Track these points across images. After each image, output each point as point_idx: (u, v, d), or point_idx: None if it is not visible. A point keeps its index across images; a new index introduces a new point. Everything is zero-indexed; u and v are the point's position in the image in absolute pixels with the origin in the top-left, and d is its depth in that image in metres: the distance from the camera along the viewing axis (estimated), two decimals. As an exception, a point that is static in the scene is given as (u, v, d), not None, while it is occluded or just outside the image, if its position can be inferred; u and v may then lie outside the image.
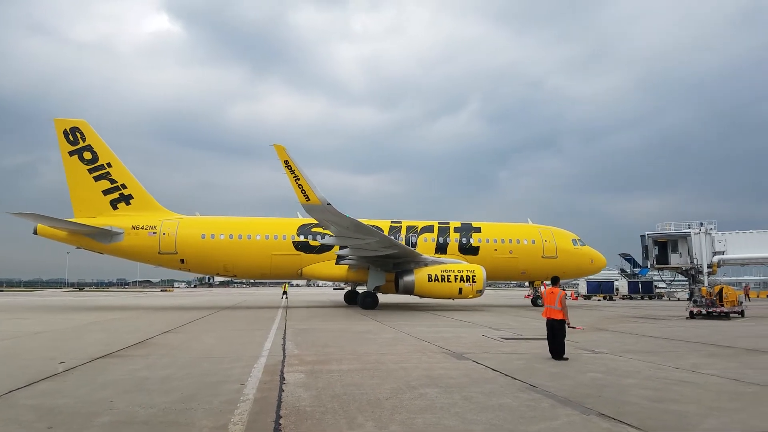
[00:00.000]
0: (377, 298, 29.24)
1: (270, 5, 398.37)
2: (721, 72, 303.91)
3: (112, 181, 29.85)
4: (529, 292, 56.83)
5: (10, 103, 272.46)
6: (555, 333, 10.96)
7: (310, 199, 22.22)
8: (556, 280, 12.16)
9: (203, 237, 29.90)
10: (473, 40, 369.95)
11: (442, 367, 9.58)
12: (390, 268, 28.90)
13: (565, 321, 11.00)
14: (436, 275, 27.01)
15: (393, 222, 32.56)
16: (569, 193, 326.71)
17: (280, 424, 5.76)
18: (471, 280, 27.09)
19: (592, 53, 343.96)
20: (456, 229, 32.72)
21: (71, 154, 29.45)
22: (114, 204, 29.83)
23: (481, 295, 28.59)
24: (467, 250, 32.01)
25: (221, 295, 61.75)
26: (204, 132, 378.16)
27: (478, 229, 32.94)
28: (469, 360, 10.52)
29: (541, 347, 11.75)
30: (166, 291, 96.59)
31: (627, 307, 35.88)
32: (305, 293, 76.24)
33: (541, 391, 7.53)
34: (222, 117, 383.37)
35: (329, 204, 22.58)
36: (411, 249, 28.58)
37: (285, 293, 48.49)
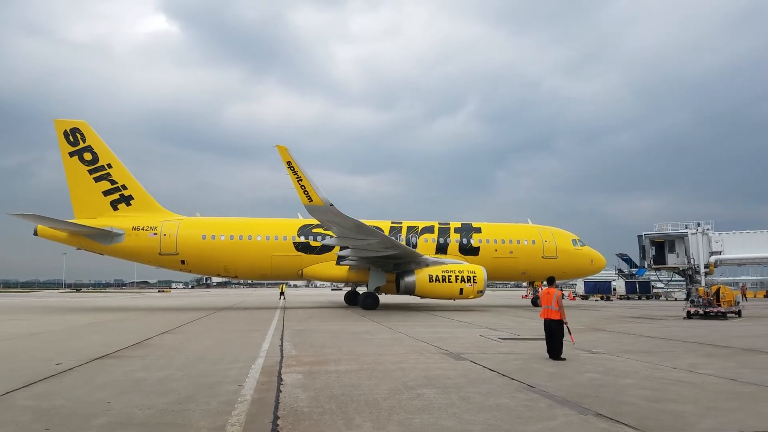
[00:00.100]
0: (378, 298, 29.26)
1: (267, 6, 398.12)
2: (720, 72, 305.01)
3: (112, 182, 29.83)
4: (527, 292, 56.97)
5: (6, 104, 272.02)
6: (553, 333, 10.98)
7: (312, 200, 22.25)
8: (552, 280, 12.19)
9: (204, 238, 29.91)
10: (471, 40, 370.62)
11: (439, 368, 9.59)
12: (391, 268, 28.90)
13: (563, 321, 11.03)
14: (437, 276, 27.05)
15: (393, 222, 32.58)
16: (567, 194, 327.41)
17: (277, 425, 5.76)
18: (472, 280, 27.13)
19: (589, 54, 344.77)
20: (456, 230, 32.76)
21: (71, 154, 29.43)
22: (114, 205, 29.80)
23: (482, 296, 28.63)
24: (468, 250, 32.05)
25: (219, 296, 61.66)
26: (201, 132, 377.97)
27: (478, 230, 32.98)
28: (467, 360, 10.52)
29: (539, 347, 11.77)
30: (163, 292, 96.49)
31: (624, 308, 35.95)
32: (303, 294, 76.22)
33: (539, 392, 7.54)
34: (219, 117, 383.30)
35: (332, 205, 22.61)
36: (412, 249, 28.59)
37: (282, 294, 48.52)
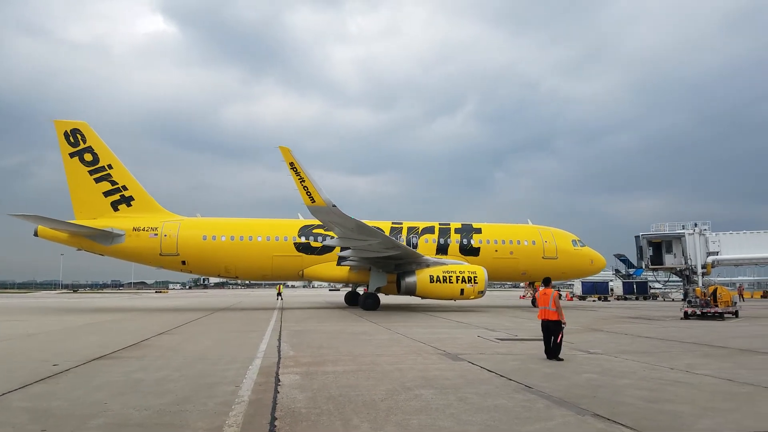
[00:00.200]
0: (379, 299, 29.25)
1: (265, 6, 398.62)
2: (720, 72, 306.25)
3: (113, 183, 29.78)
4: (524, 292, 56.91)
5: (4, 104, 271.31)
6: (550, 334, 11.00)
7: (315, 201, 22.26)
8: (548, 281, 12.23)
9: (204, 238, 29.89)
10: (470, 41, 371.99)
11: (437, 368, 9.59)
12: (392, 269, 28.89)
13: (561, 322, 11.04)
14: (437, 276, 27.06)
15: (394, 223, 32.58)
16: (566, 194, 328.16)
17: (275, 425, 5.75)
18: (472, 281, 27.15)
19: (589, 54, 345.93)
20: (457, 230, 32.78)
21: (72, 155, 29.38)
22: (115, 206, 29.76)
23: (483, 296, 28.61)
24: (468, 251, 32.08)
25: (216, 297, 61.54)
26: (200, 133, 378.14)
27: (478, 230, 33.00)
28: (465, 361, 10.52)
29: (537, 348, 11.79)
30: (160, 292, 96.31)
31: (622, 308, 35.98)
32: (301, 294, 76.13)
33: (537, 392, 7.55)
34: (218, 118, 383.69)
35: (334, 206, 22.63)
36: (413, 250, 28.57)
37: (280, 294, 48.44)
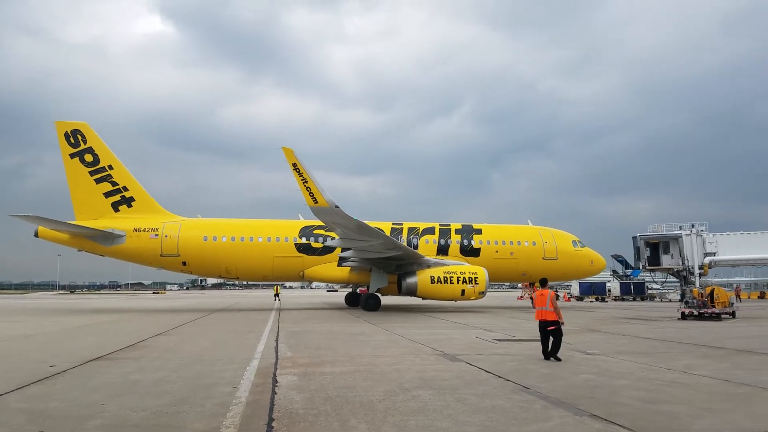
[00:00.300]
0: (380, 299, 29.27)
1: (263, 7, 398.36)
2: (720, 73, 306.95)
3: (113, 184, 29.75)
4: (522, 293, 56.94)
5: (2, 104, 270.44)
6: (549, 334, 11.01)
7: (318, 202, 22.28)
8: (544, 281, 12.26)
9: (205, 239, 29.88)
10: (468, 42, 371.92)
11: (435, 369, 9.59)
12: (393, 269, 28.89)
13: (560, 321, 11.06)
14: (438, 277, 27.07)
15: (394, 224, 32.57)
16: (563, 195, 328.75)
17: (272, 426, 5.74)
18: (473, 281, 27.17)
19: (586, 55, 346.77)
20: (457, 231, 32.80)
21: (72, 156, 29.33)
22: (115, 206, 29.72)
23: (484, 297, 28.62)
24: (468, 251, 32.11)
25: (214, 298, 61.46)
26: (198, 133, 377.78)
27: (479, 231, 33.03)
28: (462, 362, 10.52)
29: (534, 349, 11.79)
30: (158, 293, 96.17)
31: (619, 309, 36.03)
32: (298, 295, 76.08)
33: (534, 393, 7.55)
34: (216, 118, 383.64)
35: (337, 206, 22.64)
36: (414, 251, 28.56)
37: (277, 295, 48.34)
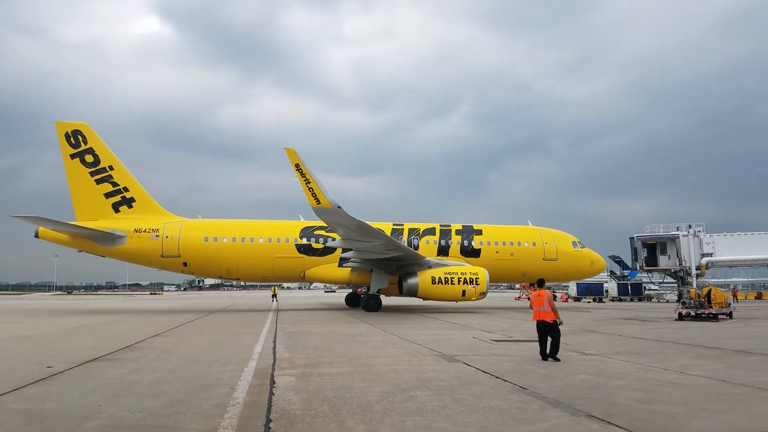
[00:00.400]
0: (380, 300, 29.26)
1: (261, 7, 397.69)
2: (720, 73, 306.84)
3: (114, 184, 29.67)
4: (519, 294, 56.99)
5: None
6: (548, 334, 11.03)
7: (320, 202, 22.27)
8: (542, 282, 12.26)
9: (206, 240, 29.83)
10: (465, 43, 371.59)
11: (432, 370, 9.60)
12: (393, 270, 28.87)
13: (558, 321, 11.08)
14: (439, 278, 27.08)
15: (395, 224, 32.54)
16: (561, 196, 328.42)
17: (270, 427, 5.74)
18: (474, 282, 27.19)
19: (585, 56, 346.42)
20: (458, 232, 32.80)
21: (73, 156, 29.25)
22: (116, 207, 29.65)
23: (485, 297, 28.64)
24: (469, 252, 32.12)
25: (211, 299, 61.36)
26: (196, 134, 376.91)
27: (479, 232, 33.03)
28: (460, 362, 10.54)
29: (532, 349, 11.81)
30: (155, 294, 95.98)
31: (616, 309, 36.09)
32: (296, 296, 76.00)
33: (532, 393, 7.57)
34: (214, 119, 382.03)
35: (339, 207, 22.65)
36: (415, 251, 28.55)
37: (275, 296, 48.26)
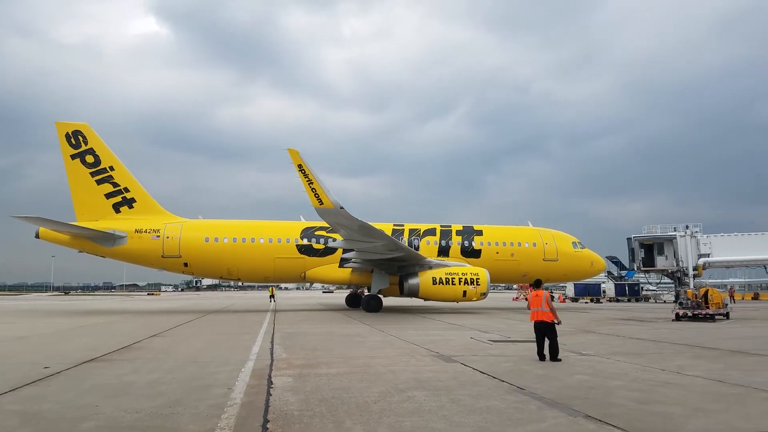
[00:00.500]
0: (381, 300, 29.25)
1: (259, 8, 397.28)
2: (716, 73, 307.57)
3: (114, 185, 29.61)
4: (517, 294, 57.07)
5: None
6: (546, 335, 11.04)
7: (323, 203, 22.26)
8: (539, 282, 12.28)
9: (207, 240, 29.81)
10: (462, 44, 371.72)
11: (430, 370, 9.60)
12: (394, 271, 28.87)
13: (556, 322, 11.10)
14: (440, 278, 27.08)
15: (396, 225, 32.53)
16: (559, 196, 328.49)
17: (267, 428, 5.74)
18: (475, 282, 27.20)
19: (582, 57, 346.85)
20: (458, 232, 32.81)
21: (73, 157, 29.18)
22: (117, 207, 29.59)
23: (485, 298, 28.67)
24: (469, 253, 32.14)
25: (209, 299, 61.26)
26: (193, 134, 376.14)
27: (479, 232, 33.05)
28: (458, 363, 10.54)
29: (529, 350, 11.82)
30: (153, 294, 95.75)
31: (614, 310, 36.13)
32: (294, 296, 75.97)
33: (529, 394, 7.58)
34: (211, 120, 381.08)
35: (342, 207, 22.64)
36: (416, 252, 28.55)
37: (272, 297, 48.21)
